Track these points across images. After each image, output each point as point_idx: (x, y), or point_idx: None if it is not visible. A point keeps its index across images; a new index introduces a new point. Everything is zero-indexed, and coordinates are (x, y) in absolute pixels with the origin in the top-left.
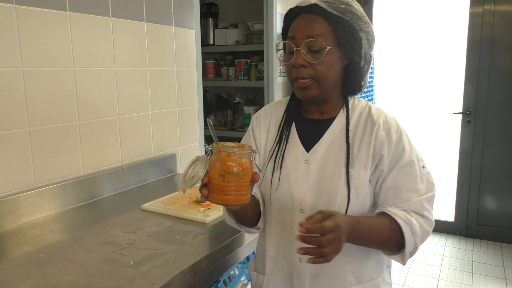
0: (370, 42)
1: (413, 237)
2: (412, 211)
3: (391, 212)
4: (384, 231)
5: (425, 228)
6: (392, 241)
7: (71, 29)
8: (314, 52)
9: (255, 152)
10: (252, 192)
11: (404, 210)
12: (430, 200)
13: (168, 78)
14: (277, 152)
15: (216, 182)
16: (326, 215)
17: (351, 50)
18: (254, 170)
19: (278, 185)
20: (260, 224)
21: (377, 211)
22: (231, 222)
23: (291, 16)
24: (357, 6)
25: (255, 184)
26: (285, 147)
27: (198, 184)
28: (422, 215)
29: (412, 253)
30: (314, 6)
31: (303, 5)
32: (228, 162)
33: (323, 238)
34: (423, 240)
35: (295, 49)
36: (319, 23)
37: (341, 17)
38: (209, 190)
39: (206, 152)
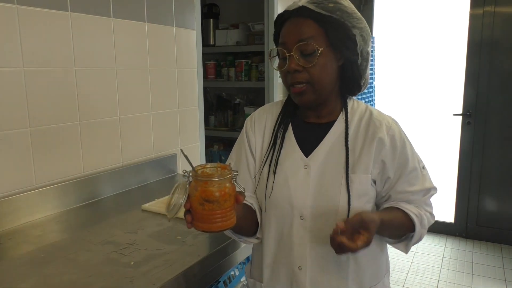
0: (365, 38)
1: (421, 229)
2: (422, 207)
3: (405, 208)
4: (400, 226)
5: (430, 221)
6: (403, 232)
7: (72, 30)
8: (307, 56)
9: (236, 174)
10: (248, 203)
11: (416, 206)
12: (432, 197)
13: (169, 78)
14: (272, 156)
15: (198, 211)
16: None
17: (346, 49)
18: (238, 190)
19: (275, 191)
20: (259, 234)
21: (388, 205)
22: (228, 233)
23: (280, 21)
24: (347, 3)
25: (251, 193)
26: (280, 151)
27: (182, 212)
28: (427, 210)
29: (415, 243)
30: (302, 8)
31: (291, 9)
32: (207, 189)
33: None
34: (426, 231)
35: (287, 54)
36: (309, 25)
37: (331, 16)
38: (193, 217)
39: (185, 175)
